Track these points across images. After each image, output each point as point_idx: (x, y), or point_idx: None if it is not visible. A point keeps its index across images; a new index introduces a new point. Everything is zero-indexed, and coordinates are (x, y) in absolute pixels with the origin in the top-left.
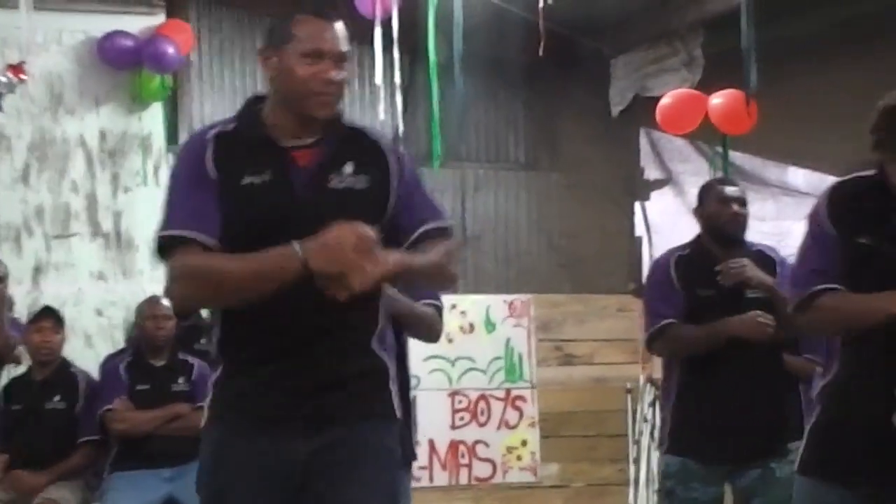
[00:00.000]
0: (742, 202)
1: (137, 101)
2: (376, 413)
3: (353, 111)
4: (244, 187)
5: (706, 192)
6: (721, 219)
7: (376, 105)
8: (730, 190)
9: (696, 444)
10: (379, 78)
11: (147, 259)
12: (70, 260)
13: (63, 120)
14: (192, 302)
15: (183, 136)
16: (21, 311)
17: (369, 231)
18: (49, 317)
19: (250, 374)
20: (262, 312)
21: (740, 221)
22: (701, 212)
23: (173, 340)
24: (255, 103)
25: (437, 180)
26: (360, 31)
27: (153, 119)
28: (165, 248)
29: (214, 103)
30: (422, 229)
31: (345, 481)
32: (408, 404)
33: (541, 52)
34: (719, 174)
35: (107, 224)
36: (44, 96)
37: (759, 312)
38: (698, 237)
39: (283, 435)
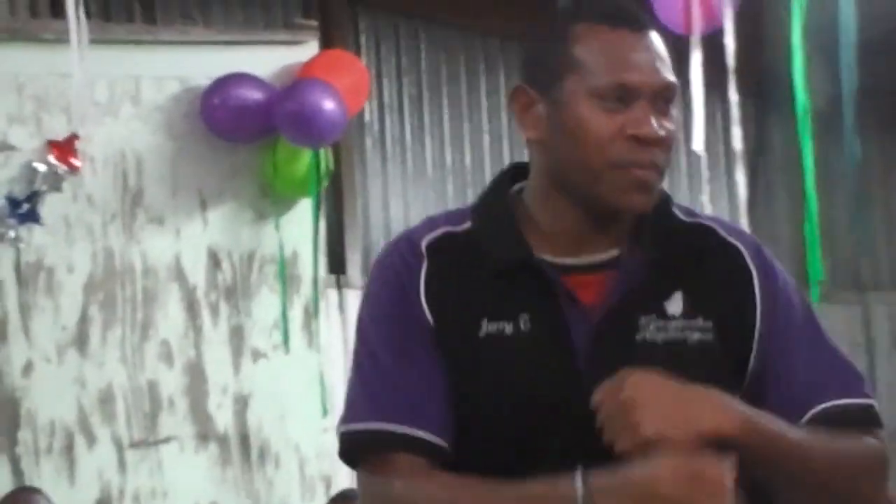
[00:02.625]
0: None
1: (272, 199)
2: None
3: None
4: (483, 342)
5: None
6: None
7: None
8: None
9: None
10: (699, 143)
11: (297, 482)
12: (161, 485)
13: (141, 235)
14: None
15: (354, 261)
16: None
17: (725, 469)
18: None
19: None
20: None
21: None
22: None
23: None
24: (509, 181)
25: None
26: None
27: (300, 230)
28: (357, 452)
29: (410, 198)
30: (814, 409)
31: None
32: None
33: None
34: None
35: (223, 420)
36: (109, 197)
37: None
38: None
39: None
